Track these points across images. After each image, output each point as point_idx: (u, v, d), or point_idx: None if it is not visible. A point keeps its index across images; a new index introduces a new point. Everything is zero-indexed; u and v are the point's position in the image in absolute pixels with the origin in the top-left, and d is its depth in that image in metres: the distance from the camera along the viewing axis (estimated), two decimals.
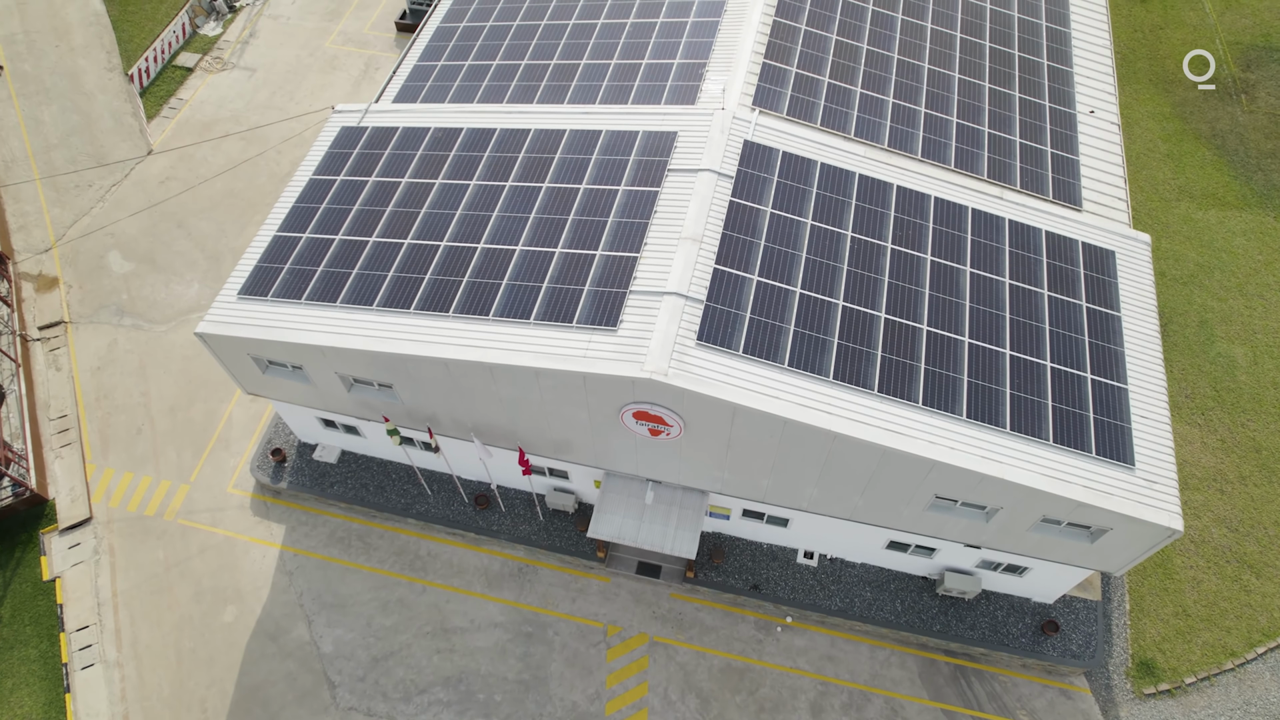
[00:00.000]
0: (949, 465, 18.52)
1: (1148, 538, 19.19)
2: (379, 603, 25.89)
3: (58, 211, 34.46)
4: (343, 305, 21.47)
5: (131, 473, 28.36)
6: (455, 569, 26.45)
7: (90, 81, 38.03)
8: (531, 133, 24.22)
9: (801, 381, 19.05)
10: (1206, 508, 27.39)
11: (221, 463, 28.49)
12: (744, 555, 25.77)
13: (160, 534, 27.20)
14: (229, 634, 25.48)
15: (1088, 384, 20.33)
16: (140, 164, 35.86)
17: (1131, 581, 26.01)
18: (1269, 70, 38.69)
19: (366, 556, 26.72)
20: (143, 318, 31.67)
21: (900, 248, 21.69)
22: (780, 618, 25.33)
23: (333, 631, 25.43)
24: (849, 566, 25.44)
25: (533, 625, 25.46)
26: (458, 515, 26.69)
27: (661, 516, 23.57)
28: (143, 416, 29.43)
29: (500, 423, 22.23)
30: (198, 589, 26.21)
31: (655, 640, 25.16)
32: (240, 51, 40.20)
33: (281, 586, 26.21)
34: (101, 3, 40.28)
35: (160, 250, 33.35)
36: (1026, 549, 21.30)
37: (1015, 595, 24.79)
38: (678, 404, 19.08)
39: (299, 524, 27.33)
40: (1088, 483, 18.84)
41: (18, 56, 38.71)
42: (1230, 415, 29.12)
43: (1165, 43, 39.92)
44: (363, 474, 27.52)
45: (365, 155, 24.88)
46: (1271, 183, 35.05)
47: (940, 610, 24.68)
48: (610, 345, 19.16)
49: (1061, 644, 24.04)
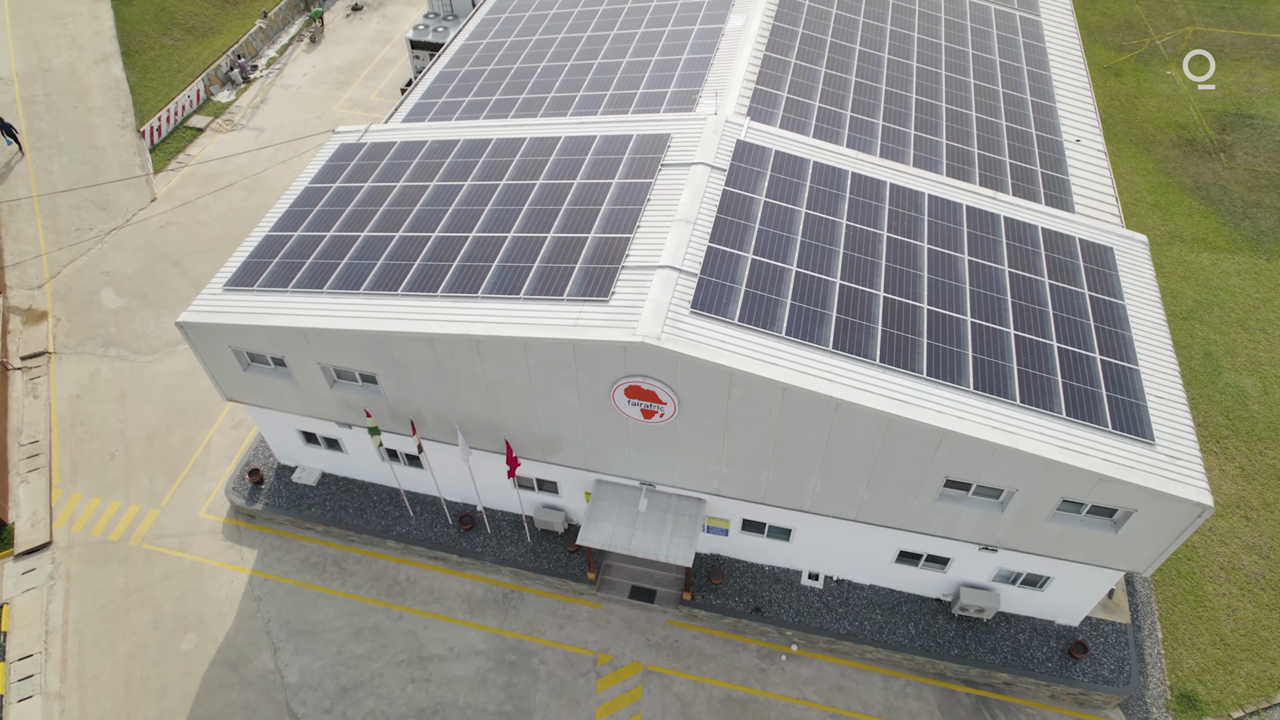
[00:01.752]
0: (959, 435, 17.51)
1: (1177, 519, 17.90)
2: (351, 629, 23.95)
3: (56, 252, 34.59)
4: (329, 291, 21.03)
5: (100, 498, 26.97)
6: (435, 595, 24.66)
7: (102, 137, 39.16)
8: (527, 140, 24.57)
9: (800, 350, 18.34)
10: (1233, 534, 25.92)
11: (196, 488, 27.16)
12: (744, 578, 24.10)
13: (123, 559, 25.54)
14: (186, 663, 23.41)
15: (1097, 364, 19.60)
16: (143, 210, 36.33)
17: (1161, 609, 24.22)
18: (1243, 133, 40.01)
19: (341, 582, 24.97)
20: (129, 348, 31.11)
21: (896, 235, 21.50)
22: (785, 645, 23.38)
23: (299, 660, 23.38)
24: (857, 589, 23.72)
25: (517, 653, 23.45)
26: (440, 537, 25.15)
27: (656, 524, 22.17)
28: (117, 443, 28.32)
29: (486, 416, 21.28)
30: (156, 616, 24.32)
31: (649, 669, 23.11)
32: (250, 115, 41.66)
33: (248, 613, 24.33)
34: (122, 70, 42.08)
35: (154, 287, 33.23)
36: (1046, 547, 19.86)
37: (1038, 618, 22.99)
38: (671, 374, 18.27)
39: (272, 549, 25.72)
40: (1107, 456, 17.77)
41: (36, 115, 40.03)
42: (1246, 444, 28.09)
43: (1142, 109, 41.50)
44: (342, 496, 26.17)
45: (362, 165, 25.14)
46: (1259, 228, 35.45)
47: (958, 634, 22.80)
48: (601, 315, 18.58)
49: (1092, 669, 22.06)
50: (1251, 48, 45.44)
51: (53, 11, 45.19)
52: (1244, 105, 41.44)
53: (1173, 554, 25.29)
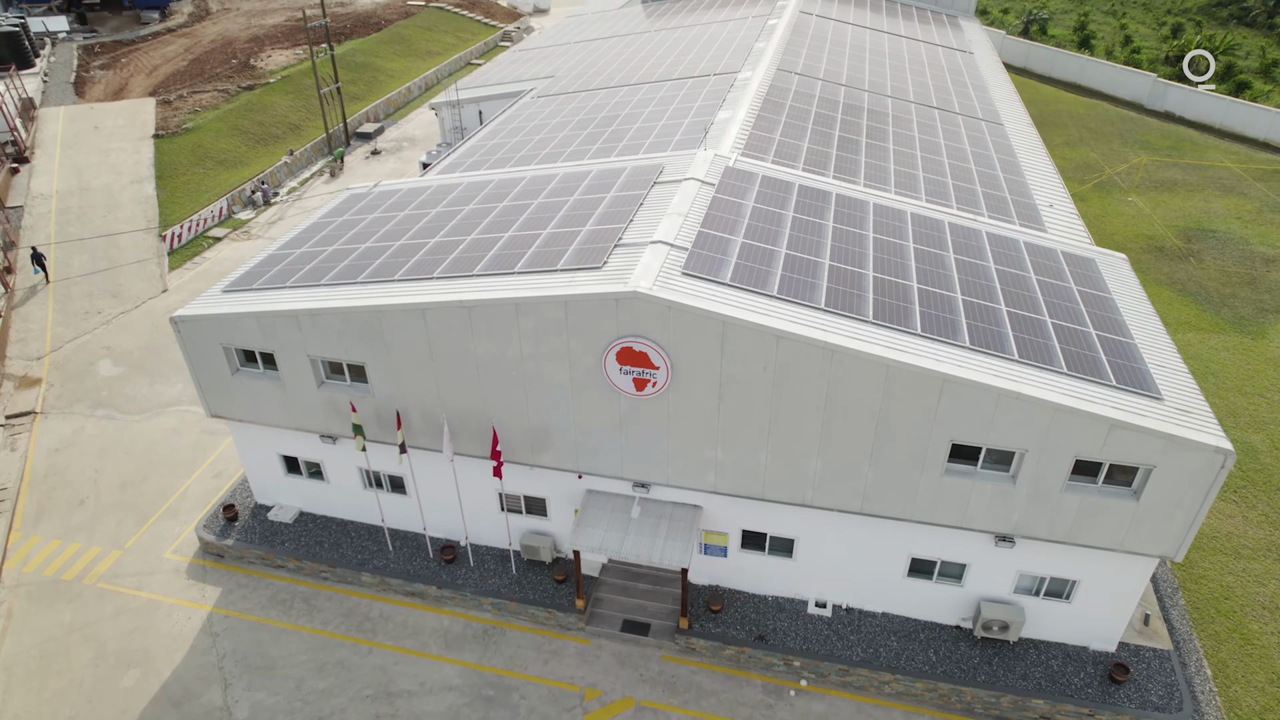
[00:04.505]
0: (960, 380, 17.06)
1: (1199, 473, 16.96)
2: (315, 664, 21.64)
3: (61, 330, 35.14)
4: (327, 284, 21.33)
5: (60, 540, 25.42)
6: (409, 630, 22.54)
7: (125, 240, 41.13)
8: (527, 178, 26.00)
9: (792, 307, 18.34)
10: (1270, 575, 24.22)
11: (165, 531, 25.68)
12: (746, 607, 22.18)
13: (73, 597, 23.60)
14: (124, 700, 20.91)
15: (1093, 336, 19.48)
16: (153, 299, 37.36)
17: (1206, 646, 22.07)
18: (1208, 243, 42.14)
19: (309, 618, 22.91)
20: (118, 409, 30.71)
21: (882, 236, 22.18)
22: (793, 681, 21.03)
23: (253, 695, 20.91)
24: (868, 617, 21.77)
25: (495, 688, 21.03)
26: (420, 569, 23.44)
27: (650, 529, 20.83)
28: (89, 490, 27.17)
29: (475, 407, 20.72)
30: (99, 653, 22.07)
31: (643, 705, 20.62)
32: (267, 227, 44.04)
33: (202, 648, 22.10)
34: (154, 189, 45.05)
35: (152, 359, 33.41)
36: (1065, 530, 18.56)
37: (1070, 644, 20.91)
38: (663, 331, 18.12)
39: (238, 586, 23.85)
40: (1116, 406, 17.20)
41: (67, 222, 42.30)
42: (1265, 493, 27.00)
43: (1109, 225, 43.97)
44: (319, 533, 24.70)
45: (370, 203, 26.39)
46: (1239, 314, 36.30)
47: (983, 660, 20.62)
48: (594, 277, 18.77)
49: (1139, 695, 19.72)
50: (1202, 182, 49.00)
51: (100, 148, 49.17)
52: (1204, 223, 43.98)
53: (1210, 594, 23.54)
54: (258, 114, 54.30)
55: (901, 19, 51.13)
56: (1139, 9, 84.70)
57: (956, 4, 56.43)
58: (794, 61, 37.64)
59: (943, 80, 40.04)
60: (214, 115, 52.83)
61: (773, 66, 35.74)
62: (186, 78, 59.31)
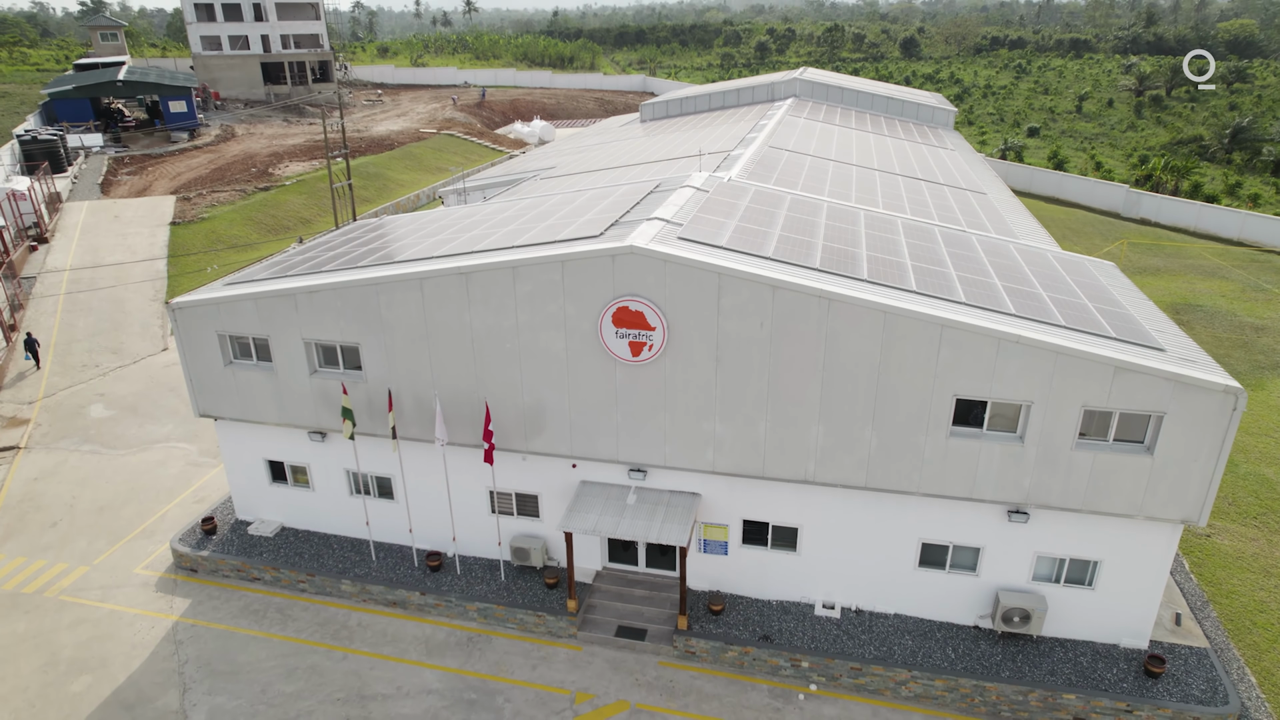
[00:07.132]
0: (960, 325, 16.91)
1: (1211, 418, 16.47)
2: (284, 669, 20.00)
3: (57, 379, 34.99)
4: (325, 272, 21.59)
5: (25, 557, 24.17)
6: (389, 638, 21.00)
7: (131, 306, 41.77)
8: (525, 201, 26.88)
9: (788, 266, 18.49)
10: None
11: (138, 549, 24.47)
12: (750, 609, 20.80)
13: (30, 609, 22.15)
14: (70, 705, 19.16)
15: (1089, 307, 19.50)
16: (152, 356, 37.46)
17: (1246, 655, 20.50)
18: (1198, 314, 42.83)
19: (282, 626, 21.40)
20: (104, 445, 30.06)
21: (874, 232, 22.67)
22: (802, 685, 19.38)
23: (212, 699, 19.17)
24: (880, 618, 20.35)
25: (478, 692, 19.33)
26: (403, 576, 22.16)
27: (646, 514, 19.91)
28: (63, 513, 26.13)
29: (469, 387, 20.38)
30: (51, 660, 20.45)
31: (638, 708, 18.88)
32: None
33: (163, 655, 20.50)
34: (165, 266, 46.27)
35: (145, 404, 33.06)
36: (1080, 497, 17.76)
37: (1100, 642, 19.43)
38: (660, 288, 18.15)
39: (209, 598, 22.44)
40: (1119, 351, 16.99)
41: (77, 290, 43.12)
42: None
43: None
44: (300, 545, 23.53)
45: (375, 225, 27.13)
46: (1236, 370, 36.32)
47: (1006, 656, 19.09)
48: (592, 244, 19.05)
49: (1178, 689, 18.12)
50: (1183, 268, 50.51)
51: (118, 233, 50.99)
52: (1191, 300, 44.91)
53: (1243, 608, 22.18)
54: (271, 209, 56.67)
55: (886, 128, 54.47)
56: (1106, 146, 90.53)
57: (936, 118, 60.26)
58: (785, 140, 39.84)
59: (927, 164, 42.17)
60: (229, 209, 55.15)
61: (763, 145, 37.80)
62: (207, 182, 62.37)
